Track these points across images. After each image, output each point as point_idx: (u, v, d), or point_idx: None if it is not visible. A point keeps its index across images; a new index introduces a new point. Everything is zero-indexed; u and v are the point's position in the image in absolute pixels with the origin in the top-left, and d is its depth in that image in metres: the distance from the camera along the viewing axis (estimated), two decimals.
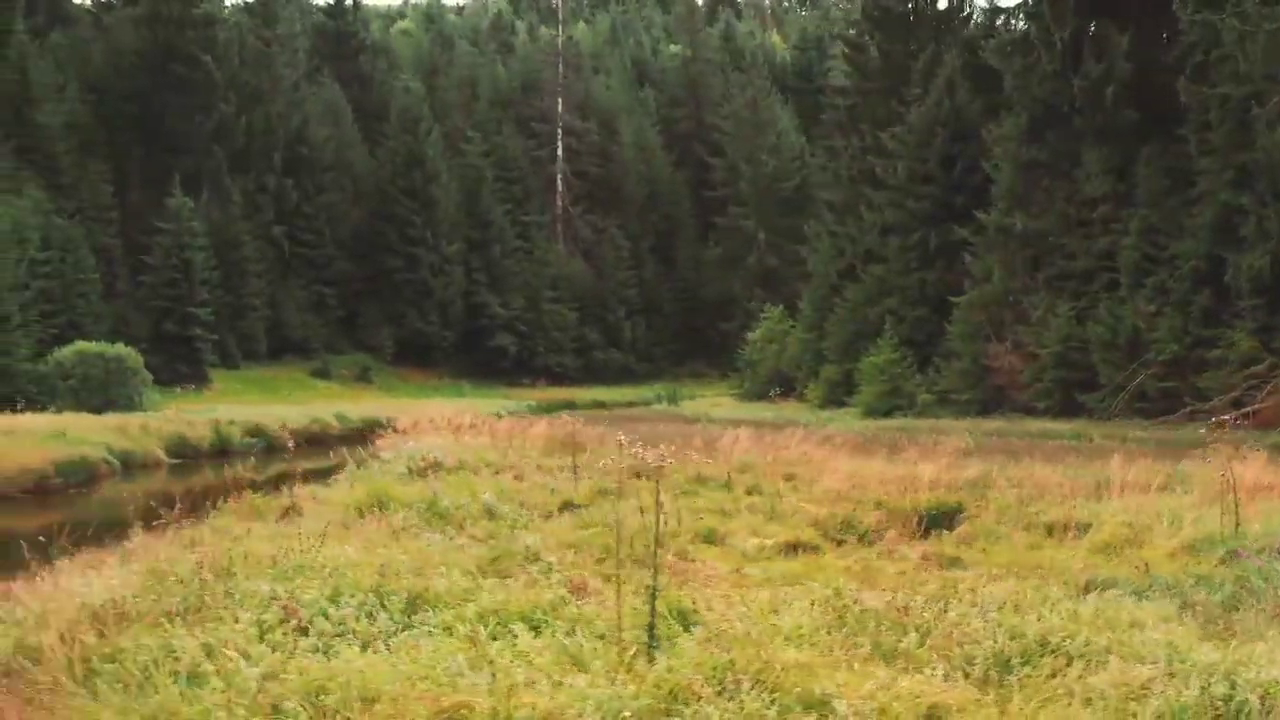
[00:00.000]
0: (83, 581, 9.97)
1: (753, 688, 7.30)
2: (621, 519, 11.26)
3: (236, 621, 8.56)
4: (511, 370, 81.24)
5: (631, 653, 8.03)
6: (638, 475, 21.53)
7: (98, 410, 42.89)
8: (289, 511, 16.49)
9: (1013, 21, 50.88)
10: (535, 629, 8.71)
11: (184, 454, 35.31)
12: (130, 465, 31.46)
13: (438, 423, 34.77)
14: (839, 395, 49.73)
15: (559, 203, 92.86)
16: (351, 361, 73.50)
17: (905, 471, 18.71)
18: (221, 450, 37.73)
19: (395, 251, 76.69)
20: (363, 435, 47.51)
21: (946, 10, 56.10)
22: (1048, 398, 40.70)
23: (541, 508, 16.64)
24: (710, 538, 15.07)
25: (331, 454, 41.27)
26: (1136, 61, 40.98)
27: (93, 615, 9.14)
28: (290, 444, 41.48)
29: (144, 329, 58.80)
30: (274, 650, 7.97)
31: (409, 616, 8.97)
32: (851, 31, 58.61)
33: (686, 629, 8.72)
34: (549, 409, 63.59)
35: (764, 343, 59.16)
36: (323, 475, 30.73)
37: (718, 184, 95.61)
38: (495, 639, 8.34)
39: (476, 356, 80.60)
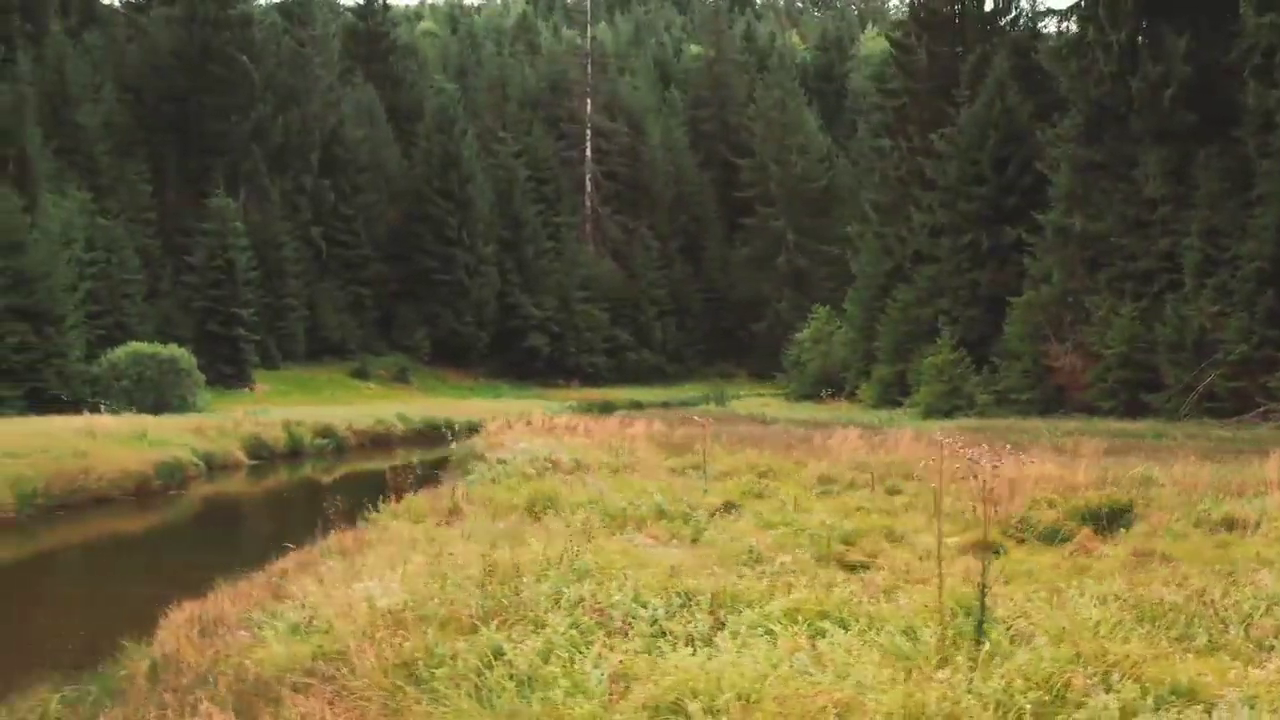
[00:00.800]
0: (363, 586, 9.97)
1: (1121, 679, 7.32)
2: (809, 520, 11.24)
3: (544, 626, 8.56)
4: (544, 371, 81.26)
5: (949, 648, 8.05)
6: (761, 475, 21.68)
7: (154, 411, 42.96)
8: (452, 514, 16.51)
9: (1064, 23, 50.92)
10: (843, 627, 8.71)
11: (260, 455, 35.29)
12: (213, 466, 31.47)
13: (515, 423, 34.57)
14: (892, 395, 49.78)
15: (588, 203, 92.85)
16: (389, 362, 73.45)
17: (1052, 471, 18.68)
18: (294, 451, 37.79)
19: (430, 252, 76.64)
20: (423, 435, 47.71)
21: (993, 11, 56.07)
22: (1112, 398, 40.69)
23: (705, 507, 16.62)
24: (890, 536, 15.06)
25: (399, 453, 41.60)
26: (1194, 63, 40.98)
27: (391, 619, 9.14)
28: (356, 444, 41.83)
29: (188, 329, 58.75)
30: (607, 652, 7.99)
31: (714, 616, 8.97)
32: (898, 33, 58.57)
33: (979, 625, 8.68)
34: (589, 409, 63.81)
35: (811, 343, 59.15)
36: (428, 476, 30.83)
37: (745, 184, 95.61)
38: (814, 637, 8.37)
39: (510, 357, 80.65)
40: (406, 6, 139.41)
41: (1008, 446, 12.19)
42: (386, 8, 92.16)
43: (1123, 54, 43.22)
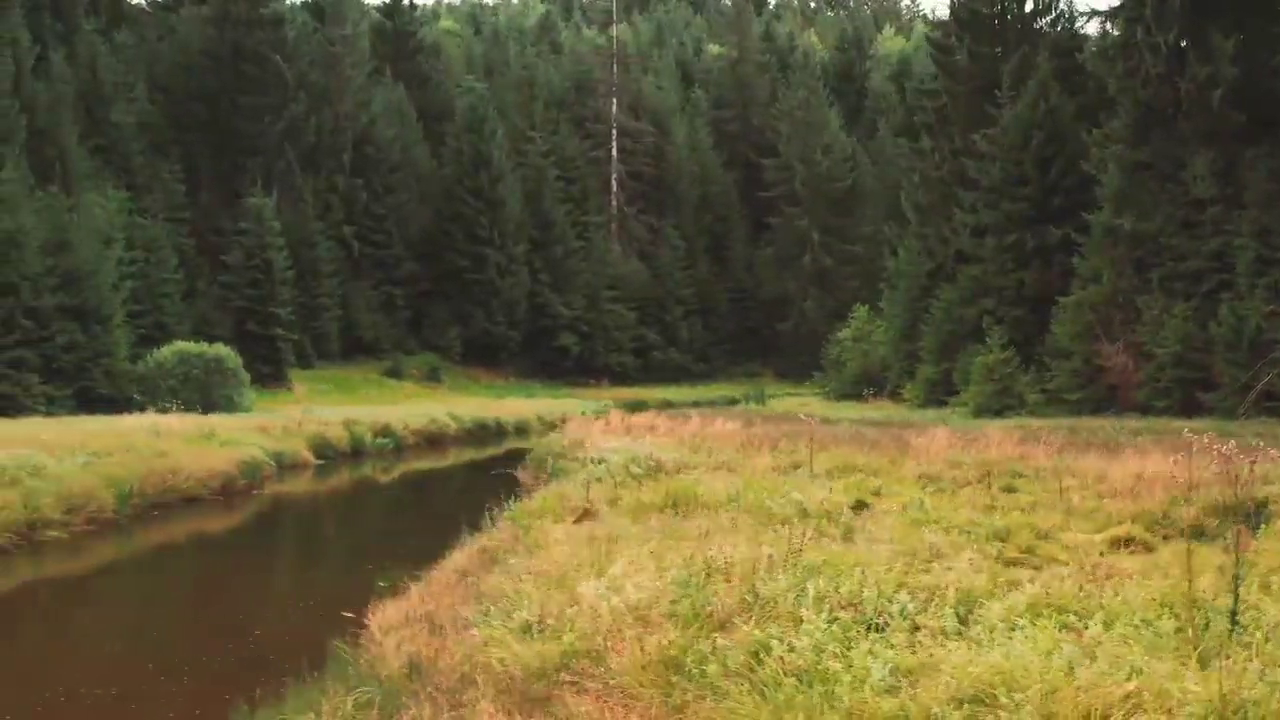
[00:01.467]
0: (592, 585, 10.01)
1: None
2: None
3: (801, 621, 8.61)
4: (573, 370, 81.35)
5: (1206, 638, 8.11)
6: (868, 473, 21.71)
7: (202, 410, 43.05)
8: (586, 514, 16.56)
9: (1107, 25, 50.88)
10: (1084, 619, 8.76)
11: (325, 454, 35.34)
12: (283, 465, 31.52)
13: (592, 423, 34.50)
14: (938, 395, 49.83)
15: (614, 203, 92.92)
16: (421, 361, 73.54)
17: (1171, 469, 18.67)
18: (355, 451, 37.86)
19: (462, 251, 76.72)
20: (473, 435, 47.81)
21: (1033, 11, 56.07)
22: (1166, 397, 40.68)
23: (836, 506, 16.65)
24: (1038, 533, 15.08)
25: (452, 452, 41.71)
26: (1242, 64, 41.01)
27: (636, 616, 9.19)
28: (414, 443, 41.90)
29: (225, 329, 58.79)
30: (878, 647, 8.04)
31: (959, 611, 9.00)
32: (937, 34, 58.57)
33: (1232, 615, 8.71)
34: (626, 409, 63.87)
35: (851, 342, 59.20)
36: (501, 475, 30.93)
37: (770, 184, 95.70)
38: (1065, 629, 8.43)
39: (540, 356, 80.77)
40: (425, 6, 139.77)
41: (1102, 445, 12.20)
42: (413, 7, 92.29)
43: (1170, 55, 43.22)
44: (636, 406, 65.29)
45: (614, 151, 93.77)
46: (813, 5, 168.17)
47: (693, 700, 7.86)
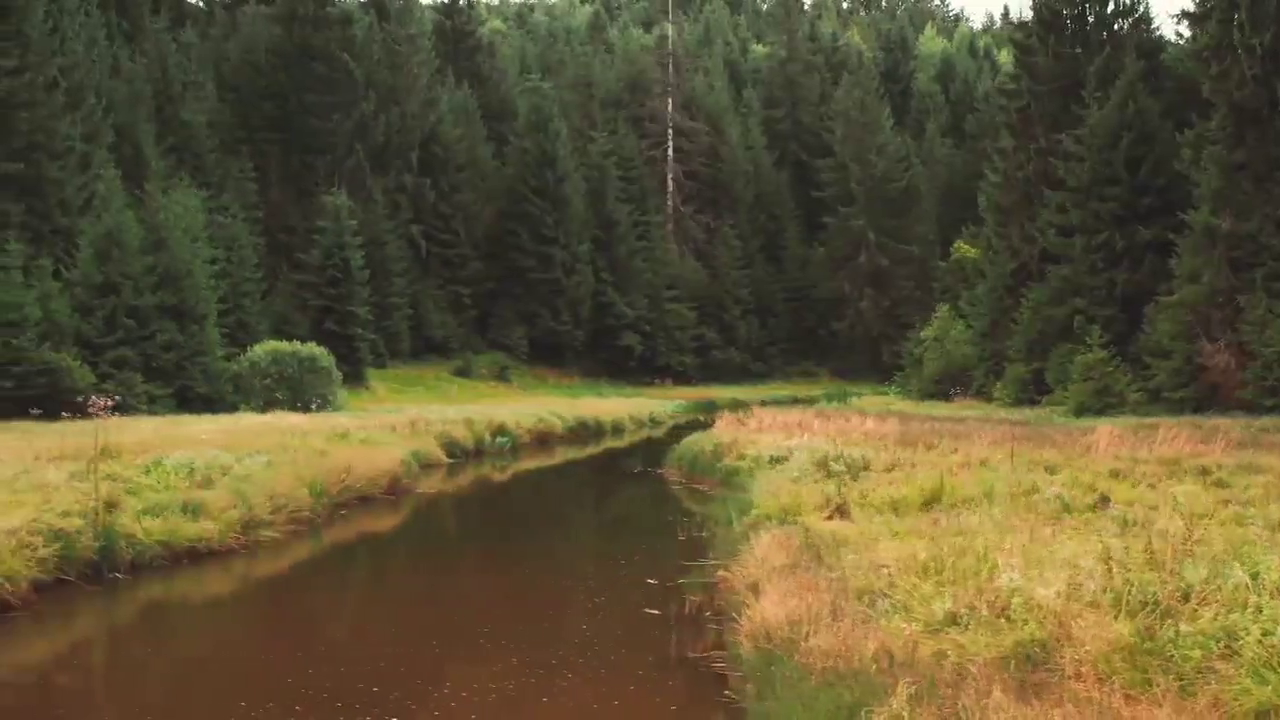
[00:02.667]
0: (1007, 578, 10.09)
1: None
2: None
3: (1261, 609, 8.70)
4: (636, 370, 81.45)
5: None
6: (1049, 470, 21.75)
7: (301, 409, 43.23)
8: (839, 510, 16.64)
9: (1184, 24, 50.87)
10: None
11: (454, 453, 35.47)
12: (420, 464, 31.60)
13: (744, 423, 34.38)
14: (1029, 394, 49.85)
15: (670, 203, 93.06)
16: (489, 360, 73.67)
17: None
18: (477, 449, 38.00)
19: (527, 251, 76.87)
20: (576, 434, 47.91)
21: (1115, 12, 56.10)
22: (1272, 396, 40.67)
23: (1077, 500, 16.69)
24: None
25: (560, 450, 41.81)
26: None
27: (1087, 604, 9.28)
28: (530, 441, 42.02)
29: (304, 328, 58.82)
30: None
31: None
32: (1019, 34, 58.61)
33: None
34: (699, 409, 63.96)
35: (933, 341, 59.23)
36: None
37: (824, 184, 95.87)
38: None
39: (603, 356, 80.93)
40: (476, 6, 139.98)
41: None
42: (471, 6, 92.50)
43: (1265, 57, 43.25)
44: (710, 406, 65.57)
45: (670, 151, 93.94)
46: (845, 5, 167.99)
47: (1173, 680, 8.00)
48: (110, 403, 21.63)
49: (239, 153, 66.33)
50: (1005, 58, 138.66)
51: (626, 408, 56.23)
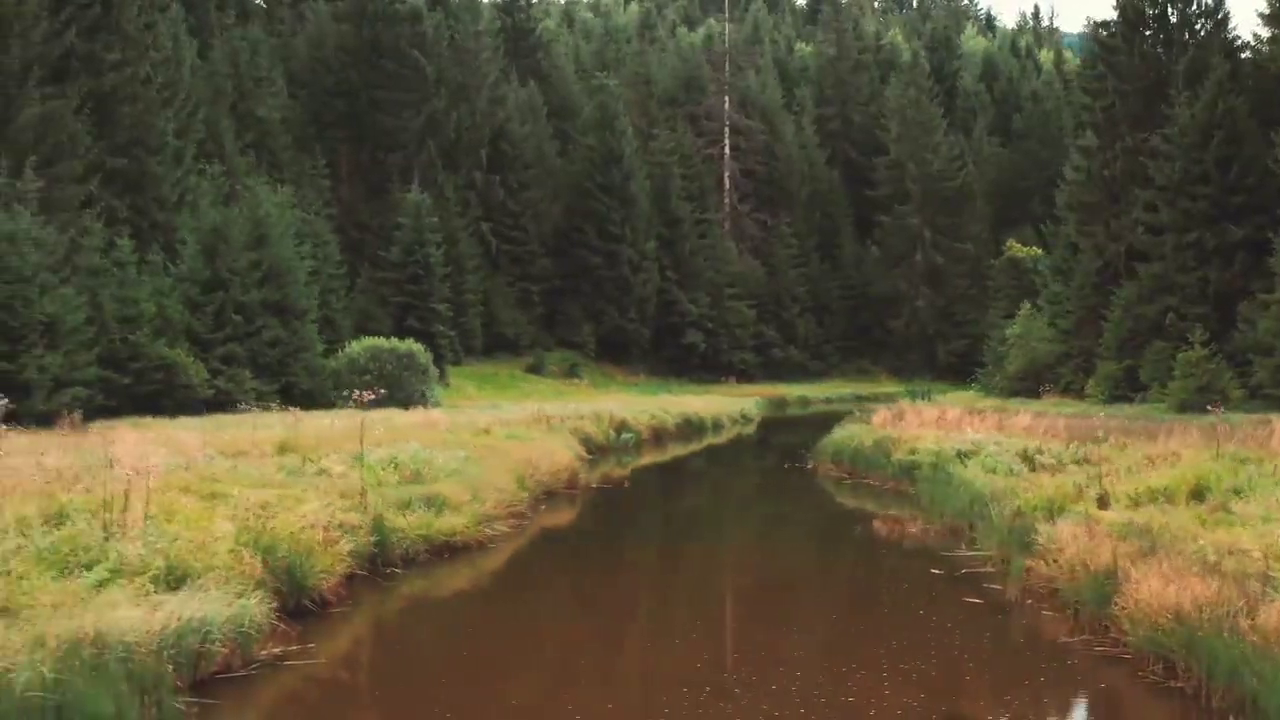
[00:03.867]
0: None
1: None
2: None
3: None
4: (699, 367, 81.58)
5: None
6: (1251, 462, 21.86)
7: (403, 405, 43.43)
8: (1102, 501, 16.79)
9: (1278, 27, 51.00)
10: None
11: (589, 449, 35.69)
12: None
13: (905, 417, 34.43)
14: (1123, 391, 49.95)
15: (726, 201, 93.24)
16: (559, 358, 73.87)
17: None
18: (604, 445, 38.23)
19: (594, 248, 77.14)
20: (680, 431, 48.12)
21: (1199, 11, 56.19)
22: None
23: None
24: None
25: (671, 447, 42.01)
26: None
27: None
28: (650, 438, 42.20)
29: (385, 325, 59.08)
30: None
31: None
32: (1103, 33, 58.68)
33: None
34: (774, 406, 64.21)
35: (1017, 339, 59.34)
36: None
37: (879, 183, 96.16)
38: None
39: (667, 354, 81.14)
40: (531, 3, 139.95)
41: None
42: (530, 4, 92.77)
43: None
44: (781, 403, 65.82)
45: (726, 149, 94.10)
46: (878, 4, 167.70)
47: None
48: (371, 395, 21.66)
49: (312, 150, 66.57)
50: (1046, 57, 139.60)
51: (714, 405, 56.40)
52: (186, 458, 19.98)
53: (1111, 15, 58.05)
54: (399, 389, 47.92)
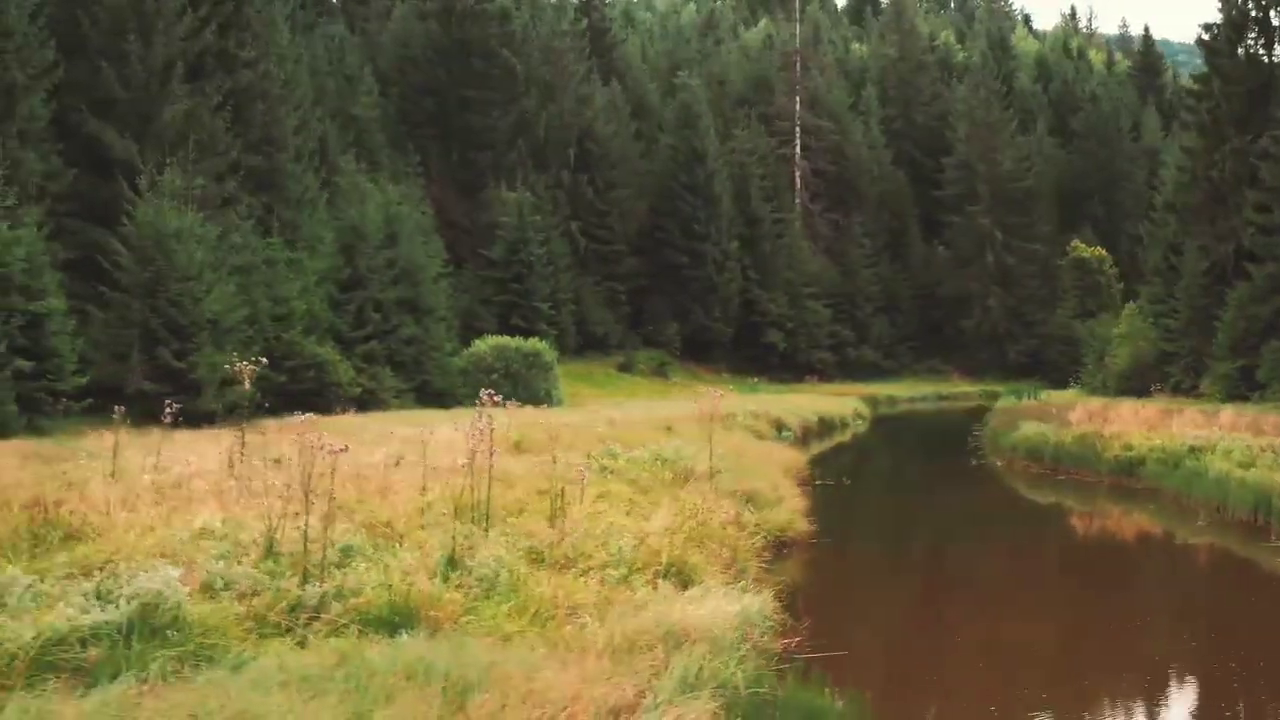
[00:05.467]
0: None
1: None
2: None
3: None
4: (779, 366, 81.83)
5: None
6: None
7: (531, 404, 43.80)
8: None
9: None
10: None
11: None
12: None
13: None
14: (1240, 390, 50.29)
15: (798, 200, 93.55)
16: (647, 356, 74.30)
17: None
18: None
19: (678, 247, 77.58)
20: (819, 429, 48.63)
21: None
22: None
23: None
24: None
25: (813, 444, 42.45)
26: None
27: None
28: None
29: (490, 323, 59.58)
30: None
31: None
32: (1207, 35, 59.00)
33: None
34: (868, 404, 64.61)
35: (1123, 338, 59.70)
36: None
37: (948, 183, 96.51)
38: None
39: (747, 353, 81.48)
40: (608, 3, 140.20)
41: None
42: (605, 3, 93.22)
43: None
44: (874, 402, 66.17)
45: (797, 149, 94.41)
46: (924, 6, 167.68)
47: None
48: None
49: (405, 148, 67.01)
50: (1097, 58, 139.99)
51: (822, 404, 56.91)
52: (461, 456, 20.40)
53: (1216, 18, 58.32)
54: (525, 387, 48.36)
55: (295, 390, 40.09)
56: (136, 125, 41.63)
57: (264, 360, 18.34)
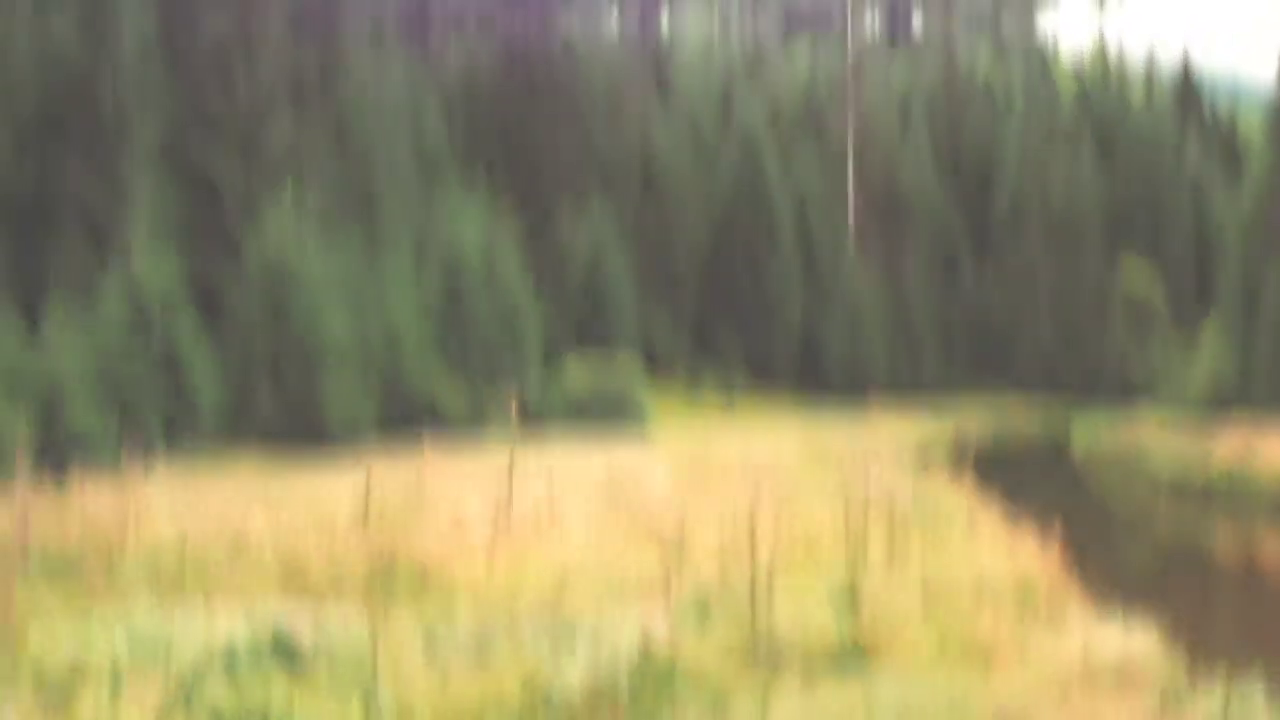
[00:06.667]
0: None
1: None
2: None
3: None
4: (840, 388, 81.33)
5: None
6: None
7: (620, 431, 43.81)
8: None
9: None
10: None
11: None
12: None
13: None
14: None
15: (852, 222, 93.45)
16: (713, 379, 74.26)
17: None
18: None
19: (742, 272, 77.58)
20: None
21: None
22: None
23: None
24: None
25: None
26: None
27: None
28: None
29: (566, 347, 59.44)
30: None
31: None
32: None
33: None
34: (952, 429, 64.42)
35: (1200, 361, 59.67)
36: None
37: (998, 208, 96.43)
38: None
39: (810, 375, 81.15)
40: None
41: None
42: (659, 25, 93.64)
43: None
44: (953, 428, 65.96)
45: (850, 171, 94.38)
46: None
47: None
48: None
49: (474, 174, 67.01)
50: (1133, 87, 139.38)
51: (919, 428, 56.84)
52: None
53: None
54: (618, 414, 48.34)
55: (402, 414, 40.13)
56: (244, 148, 41.73)
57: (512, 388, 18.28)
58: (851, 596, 11.06)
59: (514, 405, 16.59)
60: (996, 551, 14.35)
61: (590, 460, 25.89)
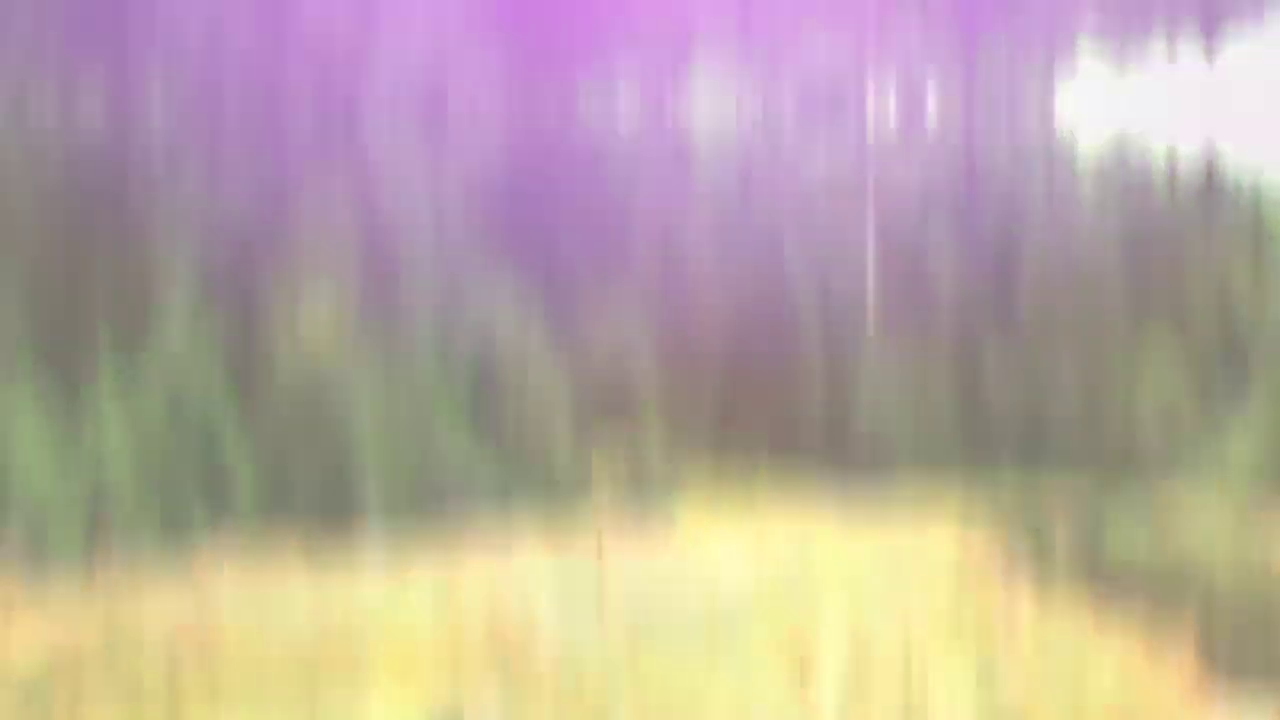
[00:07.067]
0: None
1: None
2: None
3: None
4: (865, 468, 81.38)
5: None
6: None
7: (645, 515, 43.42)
8: None
9: None
10: None
11: None
12: None
13: None
14: None
15: (870, 308, 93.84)
16: (739, 458, 74.06)
17: None
18: None
19: (764, 355, 77.69)
20: None
21: None
22: None
23: None
24: None
25: None
26: None
27: None
28: None
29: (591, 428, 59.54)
30: None
31: None
32: None
33: None
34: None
35: (1250, 430, 59.36)
36: None
37: (1025, 295, 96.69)
38: None
39: (834, 459, 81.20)
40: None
41: None
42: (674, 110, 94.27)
43: None
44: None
45: (869, 257, 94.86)
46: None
47: None
48: None
49: (497, 265, 67.43)
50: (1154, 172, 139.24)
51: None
52: None
53: None
54: (640, 498, 48.07)
55: (429, 493, 39.88)
56: (268, 241, 41.94)
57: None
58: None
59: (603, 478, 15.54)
60: None
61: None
